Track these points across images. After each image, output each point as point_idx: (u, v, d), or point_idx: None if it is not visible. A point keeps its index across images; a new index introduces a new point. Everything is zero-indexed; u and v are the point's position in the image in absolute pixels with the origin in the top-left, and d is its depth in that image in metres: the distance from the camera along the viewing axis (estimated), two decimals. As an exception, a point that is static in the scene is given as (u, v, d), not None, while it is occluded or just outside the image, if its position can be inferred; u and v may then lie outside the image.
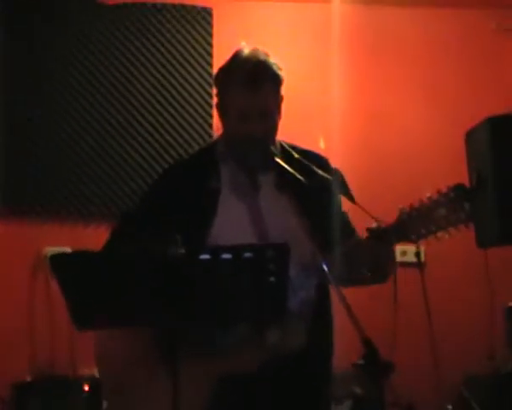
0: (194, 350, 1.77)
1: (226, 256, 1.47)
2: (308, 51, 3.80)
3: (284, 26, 3.81)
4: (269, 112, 1.90)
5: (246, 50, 1.91)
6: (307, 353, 1.80)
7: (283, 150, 1.98)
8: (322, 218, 1.89)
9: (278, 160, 1.89)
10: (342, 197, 1.93)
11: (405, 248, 3.41)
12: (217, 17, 3.77)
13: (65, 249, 3.16)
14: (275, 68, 1.90)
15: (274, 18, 3.82)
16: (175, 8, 3.76)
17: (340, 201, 1.97)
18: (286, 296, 1.54)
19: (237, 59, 1.91)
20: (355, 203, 1.81)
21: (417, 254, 3.28)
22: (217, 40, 3.72)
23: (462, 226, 1.67)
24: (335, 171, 1.95)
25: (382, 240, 1.75)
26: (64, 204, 3.61)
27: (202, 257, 1.48)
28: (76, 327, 1.54)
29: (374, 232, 1.76)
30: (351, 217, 2.04)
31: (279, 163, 1.89)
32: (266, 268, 1.49)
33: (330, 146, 3.27)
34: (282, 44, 3.66)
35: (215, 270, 1.49)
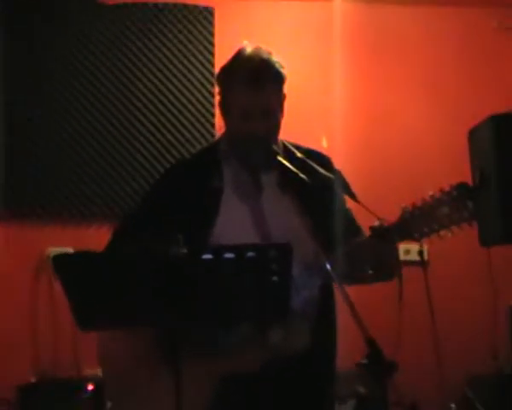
0: (196, 350, 1.77)
1: (229, 256, 1.47)
2: (310, 50, 3.80)
3: (286, 25, 3.80)
4: (271, 110, 1.89)
5: (248, 49, 1.91)
6: (311, 353, 1.79)
7: (286, 149, 1.98)
8: (324, 217, 1.89)
9: (281, 159, 1.88)
10: (345, 196, 1.93)
11: (408, 246, 3.39)
12: (218, 16, 3.77)
13: (67, 250, 3.16)
14: (277, 67, 1.89)
15: (276, 17, 3.81)
16: (176, 7, 3.76)
17: (344, 199, 1.96)
18: (289, 296, 1.54)
19: (240, 57, 1.91)
20: (358, 202, 1.81)
21: (420, 252, 3.28)
22: (218, 39, 3.72)
23: (465, 225, 1.66)
24: (337, 172, 1.95)
25: (385, 239, 1.75)
26: (66, 205, 3.61)
27: (204, 257, 1.47)
28: (79, 328, 1.54)
29: (376, 231, 1.76)
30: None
31: (282, 162, 1.88)
32: (269, 268, 1.49)
33: (332, 145, 3.27)
34: (284, 43, 3.65)
35: (217, 269, 1.49)
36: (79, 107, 3.66)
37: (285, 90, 1.93)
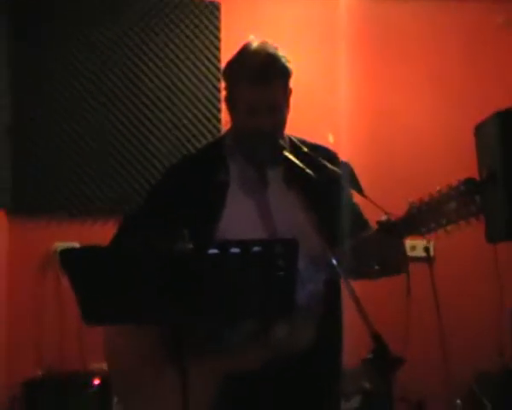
0: (201, 347, 1.77)
1: (234, 251, 1.46)
2: (315, 46, 3.80)
3: (292, 21, 3.80)
4: (277, 105, 1.89)
5: (254, 43, 1.90)
6: (316, 348, 1.79)
7: (292, 144, 1.97)
8: (330, 212, 1.88)
9: (287, 153, 1.88)
10: (352, 190, 1.92)
11: (415, 242, 3.40)
12: (225, 11, 3.77)
13: (74, 245, 3.17)
14: (283, 61, 1.88)
15: (281, 12, 3.81)
16: (182, 2, 3.75)
17: (351, 193, 1.95)
18: (294, 292, 1.53)
19: (246, 52, 1.90)
20: (365, 196, 1.80)
21: (426, 249, 3.29)
22: (225, 34, 3.72)
23: (472, 219, 1.66)
24: (345, 164, 1.94)
25: (392, 233, 1.74)
26: (72, 201, 3.61)
27: (210, 252, 1.47)
28: (85, 322, 1.54)
29: (383, 225, 1.75)
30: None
31: (288, 157, 1.87)
32: (275, 263, 1.48)
33: (338, 141, 3.26)
34: (290, 39, 3.64)
35: (223, 264, 1.48)
36: (84, 103, 3.66)
37: (291, 84, 1.93)
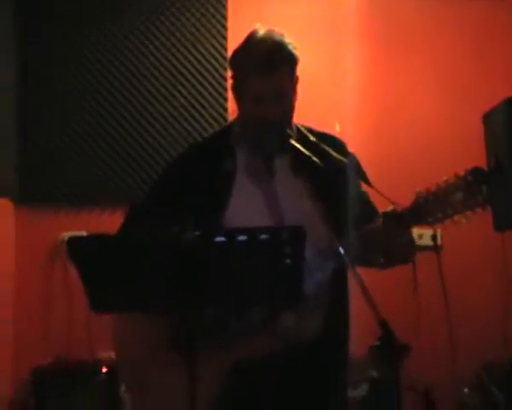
0: (208, 335, 1.77)
1: (242, 238, 1.46)
2: (321, 38, 3.77)
3: (298, 12, 3.77)
4: (284, 94, 1.88)
5: (261, 31, 1.89)
6: (323, 337, 1.79)
7: (299, 133, 1.96)
8: (337, 200, 1.88)
9: (294, 142, 1.87)
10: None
11: (422, 231, 3.38)
12: (231, 3, 3.75)
13: (82, 234, 3.18)
14: (290, 48, 1.87)
15: (288, 3, 3.78)
16: (189, -10, 3.75)
17: (359, 182, 1.95)
18: (302, 280, 1.53)
19: (252, 40, 1.89)
20: (371, 186, 1.80)
21: (434, 237, 3.27)
22: (231, 23, 3.71)
23: (478, 209, 1.65)
24: (351, 154, 1.94)
25: (398, 223, 1.74)
26: (80, 190, 3.62)
27: (217, 239, 1.47)
28: (92, 309, 1.55)
29: (390, 216, 1.75)
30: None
31: (295, 146, 1.87)
32: (282, 251, 1.48)
33: (344, 133, 3.26)
34: (296, 30, 3.57)
35: (230, 252, 1.48)
36: (93, 93, 3.66)
37: (298, 72, 1.92)
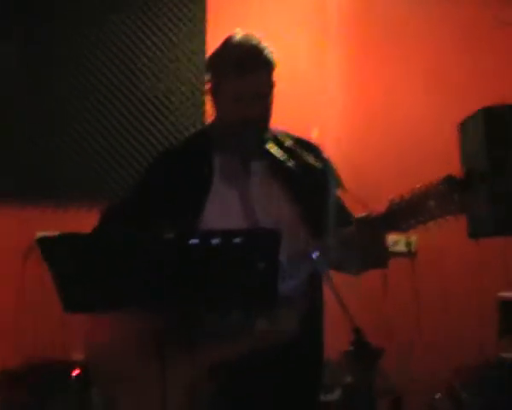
0: (182, 338, 1.77)
1: (216, 241, 1.46)
2: (306, 38, 3.78)
3: (280, 13, 3.78)
4: (263, 94, 1.90)
5: (238, 35, 1.91)
6: (298, 340, 1.80)
7: (276, 137, 1.97)
8: (313, 205, 1.89)
9: (270, 146, 1.89)
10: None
11: (396, 237, 3.41)
12: (210, 3, 3.74)
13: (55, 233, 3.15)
14: (267, 53, 1.89)
15: (270, 4, 3.79)
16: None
17: (334, 188, 1.96)
18: (276, 283, 1.54)
19: (230, 43, 1.91)
20: (346, 191, 1.81)
21: (408, 243, 3.31)
22: (211, 27, 3.70)
23: (451, 217, 1.67)
24: (326, 159, 1.96)
25: (372, 229, 1.75)
26: (55, 189, 3.59)
27: (191, 242, 1.47)
28: (65, 309, 1.54)
29: (363, 221, 1.76)
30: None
31: (271, 150, 1.88)
32: (256, 254, 1.49)
33: (328, 135, 3.27)
34: (278, 32, 3.64)
35: (204, 255, 1.48)
36: (68, 92, 3.63)
37: (274, 77, 1.93)
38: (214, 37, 3.51)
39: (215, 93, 1.94)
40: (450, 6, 3.80)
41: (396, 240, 3.39)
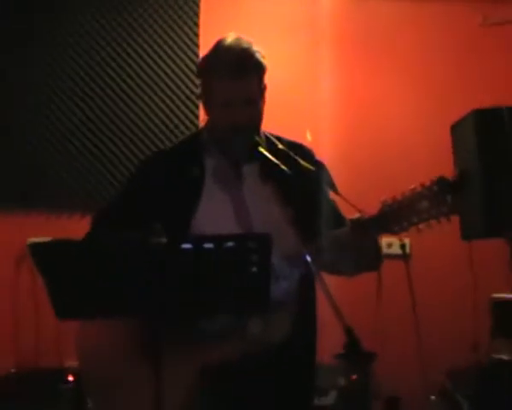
0: (176, 341, 1.77)
1: (208, 246, 1.46)
2: (296, 41, 3.79)
3: (273, 17, 3.79)
4: (253, 99, 1.90)
5: (229, 39, 1.90)
6: (291, 343, 1.80)
7: (268, 141, 1.98)
8: (305, 208, 1.89)
9: (262, 149, 1.89)
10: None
11: (391, 240, 3.41)
12: (204, 6, 3.75)
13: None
14: (258, 56, 1.90)
15: (262, 8, 3.80)
16: (161, -4, 3.74)
17: (327, 191, 1.96)
18: (269, 287, 1.54)
19: (221, 47, 1.90)
20: (338, 194, 1.82)
21: (402, 246, 3.31)
22: (203, 30, 3.71)
23: (443, 219, 1.67)
24: (319, 162, 1.96)
25: (364, 231, 1.75)
26: (48, 196, 3.59)
27: (184, 246, 1.47)
28: (57, 316, 1.53)
29: (355, 223, 1.76)
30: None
31: (263, 153, 1.88)
32: (248, 259, 1.49)
33: (318, 138, 3.27)
34: (271, 35, 3.66)
35: (197, 259, 1.48)
36: (61, 98, 3.63)
37: (266, 80, 1.93)
38: (207, 40, 3.54)
39: (206, 97, 1.94)
40: (437, 11, 3.82)
41: (390, 242, 3.39)
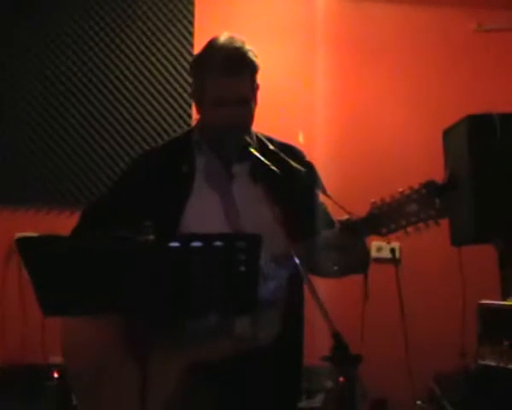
0: (163, 339, 1.76)
1: (196, 244, 1.46)
2: (289, 46, 3.80)
3: (267, 18, 3.79)
4: (245, 98, 1.89)
5: (222, 37, 1.90)
6: (278, 343, 1.79)
7: (259, 141, 1.98)
8: (295, 209, 1.89)
9: (253, 150, 1.88)
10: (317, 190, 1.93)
11: (381, 244, 3.42)
12: (198, 6, 3.74)
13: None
14: (251, 55, 1.89)
15: (257, 9, 3.80)
16: (156, -4, 3.74)
17: (317, 192, 1.96)
18: (257, 286, 1.53)
19: (214, 45, 1.90)
20: (327, 196, 1.81)
21: (392, 250, 3.31)
22: (198, 30, 3.71)
23: (431, 223, 1.67)
24: (309, 163, 1.96)
25: (352, 232, 1.75)
26: (37, 191, 3.57)
27: (172, 245, 1.46)
28: (43, 313, 1.52)
29: (344, 225, 1.76)
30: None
31: (254, 153, 1.88)
32: (237, 258, 1.48)
33: (311, 140, 3.29)
34: (265, 37, 3.66)
35: (185, 258, 1.47)
36: (52, 95, 3.62)
37: (259, 80, 1.93)
38: (201, 39, 3.53)
39: (198, 95, 1.94)
40: (430, 17, 3.84)
41: (380, 247, 3.40)
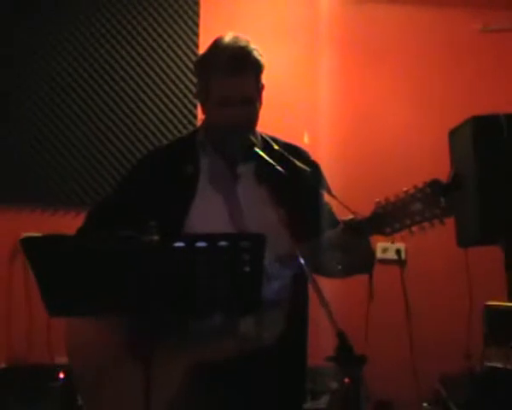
0: (168, 339, 1.76)
1: (201, 244, 1.46)
2: (293, 47, 3.79)
3: (272, 18, 3.80)
4: (250, 98, 1.89)
5: (227, 37, 1.90)
6: (282, 343, 1.79)
7: (264, 141, 1.97)
8: (299, 209, 1.88)
9: (258, 150, 1.88)
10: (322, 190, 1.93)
11: (386, 245, 3.42)
12: (203, 7, 3.75)
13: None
14: (256, 55, 1.89)
15: (261, 9, 3.80)
16: (162, -4, 3.74)
17: (322, 192, 1.96)
18: (261, 286, 1.53)
19: (218, 45, 1.90)
20: (332, 196, 1.81)
21: (398, 251, 3.31)
22: (203, 30, 3.71)
23: (436, 222, 1.66)
24: (314, 163, 1.95)
25: (357, 232, 1.74)
26: (43, 191, 3.58)
27: (177, 245, 1.46)
28: (49, 313, 1.52)
29: (348, 224, 1.75)
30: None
31: (258, 153, 1.87)
32: (241, 258, 1.48)
33: (316, 141, 3.28)
34: (270, 36, 3.66)
35: (189, 258, 1.47)
36: (58, 94, 3.62)
37: (263, 79, 1.93)
38: (206, 40, 3.53)
39: (203, 95, 1.94)
40: (435, 18, 3.83)
41: (386, 248, 3.39)
